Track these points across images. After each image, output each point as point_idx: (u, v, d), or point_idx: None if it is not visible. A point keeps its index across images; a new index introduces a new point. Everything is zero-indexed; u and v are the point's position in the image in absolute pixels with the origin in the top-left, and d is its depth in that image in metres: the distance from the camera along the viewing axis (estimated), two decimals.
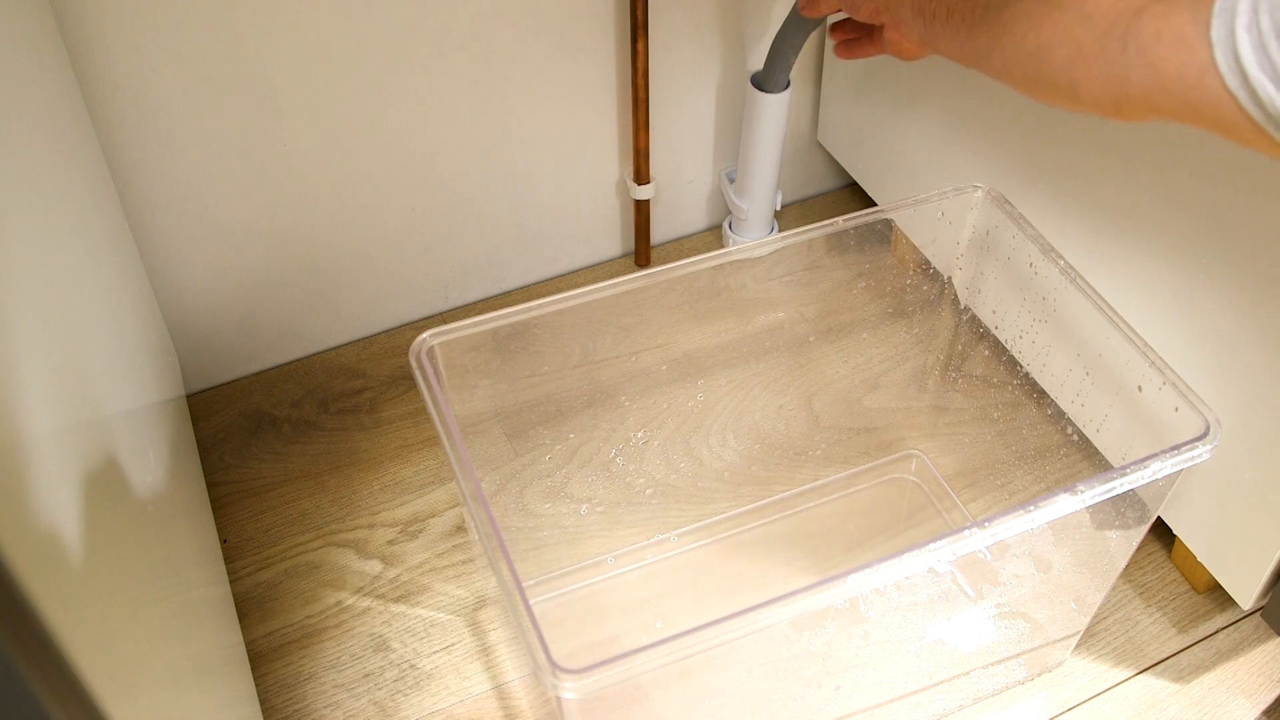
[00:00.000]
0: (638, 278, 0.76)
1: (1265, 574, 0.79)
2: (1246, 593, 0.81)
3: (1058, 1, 0.56)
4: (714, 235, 1.23)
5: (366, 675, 0.86)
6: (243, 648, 0.86)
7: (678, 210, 1.20)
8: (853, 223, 0.81)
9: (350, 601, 0.90)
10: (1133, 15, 0.52)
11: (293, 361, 1.09)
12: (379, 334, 1.12)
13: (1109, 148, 0.81)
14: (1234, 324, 0.75)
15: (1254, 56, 0.46)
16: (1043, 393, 0.88)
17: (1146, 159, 0.78)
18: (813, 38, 1.13)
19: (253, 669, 0.86)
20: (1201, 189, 0.74)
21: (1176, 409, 0.69)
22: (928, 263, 0.90)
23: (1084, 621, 0.83)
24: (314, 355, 1.10)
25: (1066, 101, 0.57)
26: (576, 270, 1.19)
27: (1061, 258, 0.78)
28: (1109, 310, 0.74)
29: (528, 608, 0.57)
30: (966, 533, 0.62)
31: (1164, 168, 0.77)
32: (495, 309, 0.74)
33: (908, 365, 1.00)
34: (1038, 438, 0.90)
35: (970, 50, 0.63)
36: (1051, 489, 0.65)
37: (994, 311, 0.89)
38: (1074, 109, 0.57)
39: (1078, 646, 0.87)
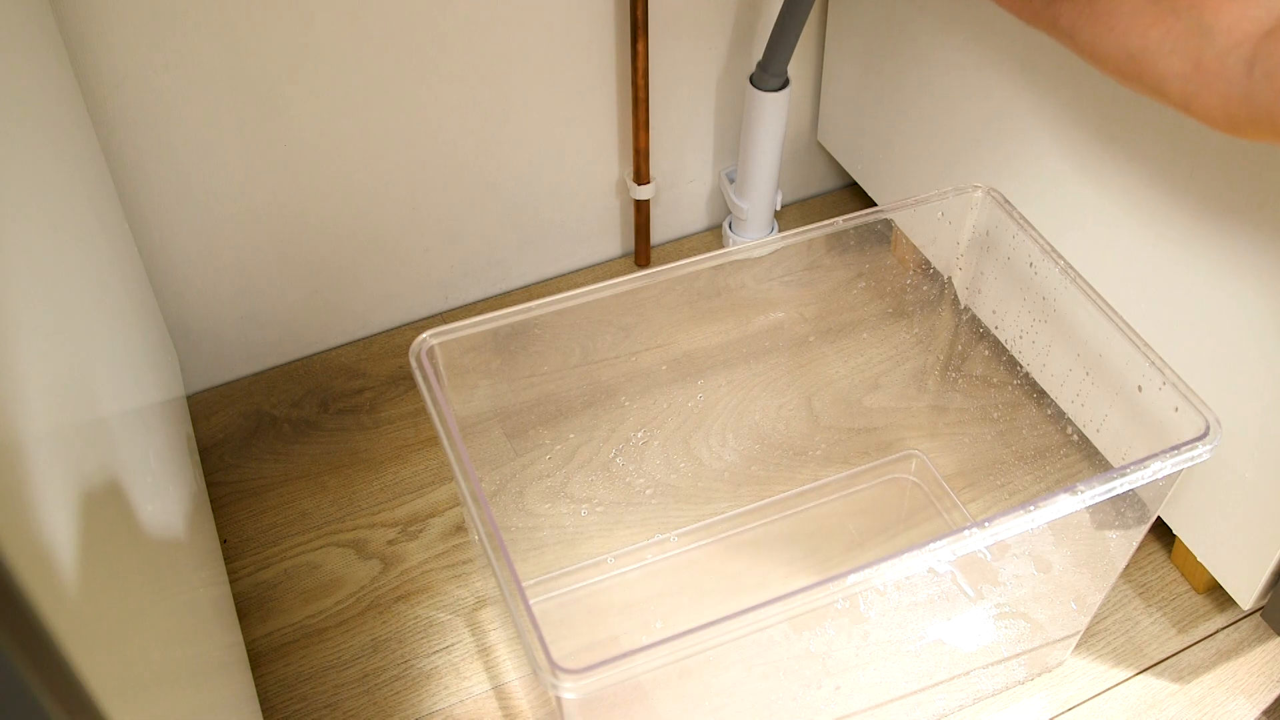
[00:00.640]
0: (638, 278, 0.76)
1: (1265, 574, 0.79)
2: (1246, 593, 0.81)
3: (1170, 6, 0.53)
4: (714, 235, 1.23)
5: (366, 675, 0.86)
6: (243, 648, 0.86)
7: (678, 210, 1.20)
8: (853, 223, 0.81)
9: (350, 601, 0.90)
10: (1261, 38, 0.50)
11: (293, 361, 1.09)
12: (379, 334, 1.12)
13: (1109, 147, 0.81)
14: (1234, 324, 0.75)
15: None
16: (1043, 393, 0.88)
17: (1147, 158, 0.78)
18: (813, 36, 1.13)
19: (253, 669, 0.86)
20: (1202, 188, 0.74)
21: (1176, 409, 0.69)
22: (928, 263, 0.90)
23: (1084, 621, 0.83)
24: (314, 355, 1.10)
25: (1170, 104, 0.55)
26: (576, 270, 1.19)
27: (1061, 258, 0.78)
28: (1109, 310, 0.74)
29: (528, 608, 0.57)
30: (966, 533, 0.62)
31: (1164, 167, 0.77)
32: (495, 309, 0.74)
33: (908, 365, 1.00)
34: (1038, 438, 0.90)
35: (1044, 18, 0.61)
36: (1051, 489, 0.65)
37: (994, 311, 0.89)
38: (1178, 110, 0.56)
39: (1078, 646, 0.87)
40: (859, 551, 0.93)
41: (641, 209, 1.14)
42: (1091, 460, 0.85)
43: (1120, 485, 0.64)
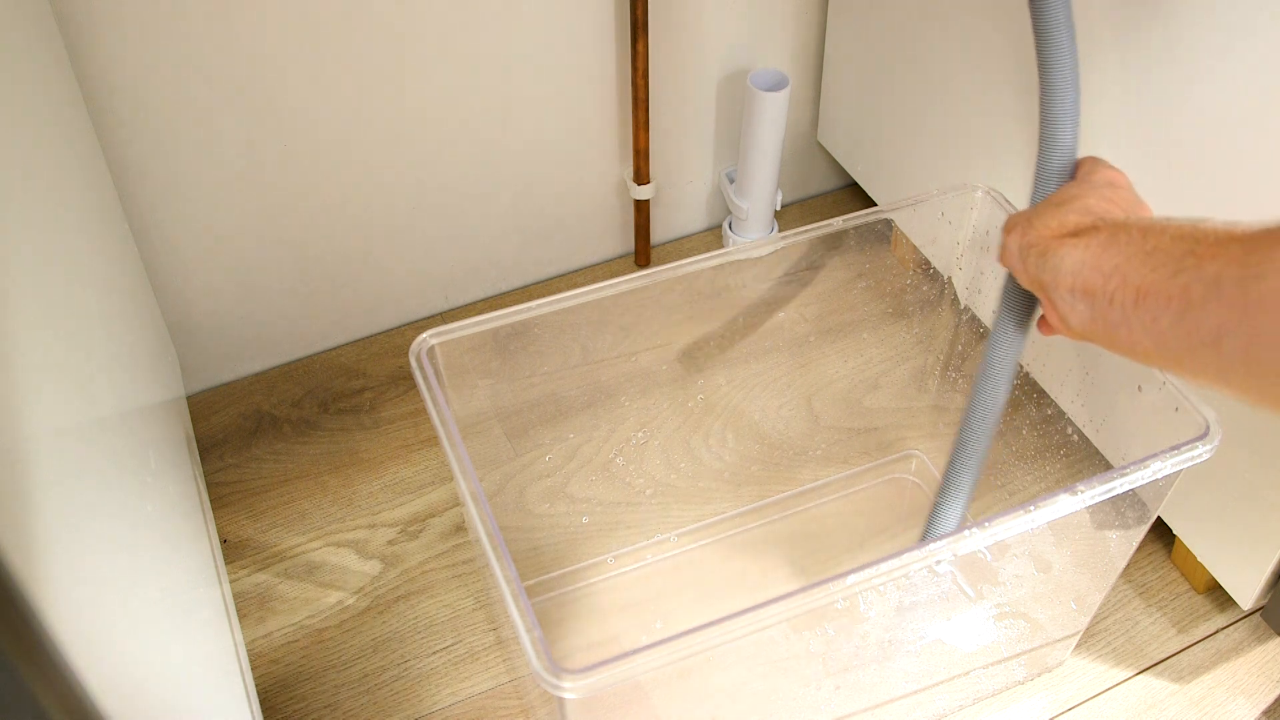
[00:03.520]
0: (638, 278, 0.76)
1: (1265, 574, 0.79)
2: (1246, 593, 0.81)
3: None
4: (714, 235, 1.23)
5: (366, 675, 0.86)
6: (243, 647, 0.86)
7: (678, 210, 1.20)
8: (853, 223, 0.81)
9: (350, 601, 0.90)
10: None
11: (293, 361, 1.09)
12: (379, 334, 1.12)
13: (1108, 148, 0.81)
14: None
15: None
16: (1043, 393, 0.88)
17: (1145, 159, 0.78)
18: (813, 36, 1.13)
19: (252, 668, 0.86)
20: (1201, 189, 0.74)
21: (1176, 409, 0.69)
22: (928, 263, 0.90)
23: (1084, 621, 0.83)
24: (314, 355, 1.10)
25: None
26: (576, 270, 1.19)
27: None
28: None
29: (527, 608, 0.57)
30: (966, 533, 0.62)
31: (1163, 167, 0.77)
32: (495, 309, 0.74)
33: (908, 365, 1.00)
34: (1038, 438, 0.90)
35: (1175, 341, 0.48)
36: (1051, 489, 0.65)
37: (994, 311, 0.89)
38: None
39: (1078, 646, 0.87)
40: (859, 551, 0.93)
41: (641, 209, 1.14)
42: (1091, 460, 0.85)
43: (1120, 485, 0.64)
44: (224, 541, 0.94)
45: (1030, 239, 0.59)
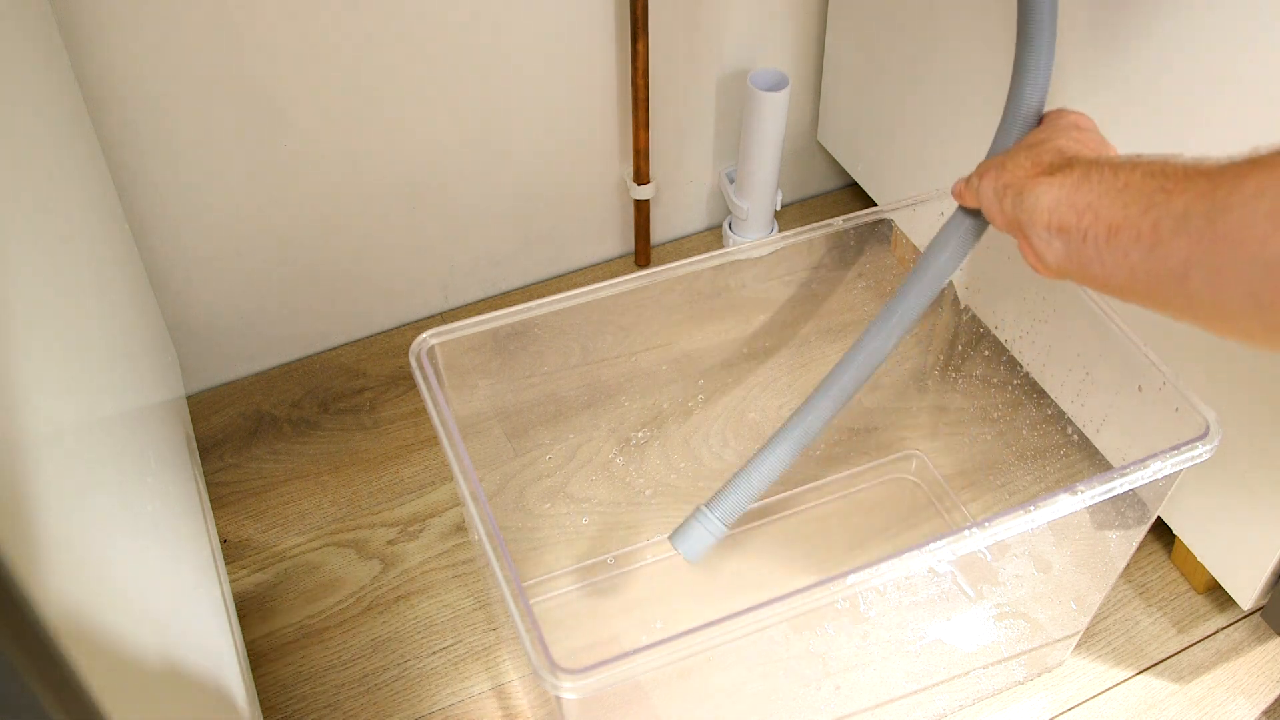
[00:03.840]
0: (638, 278, 0.76)
1: (1265, 574, 0.79)
2: (1246, 593, 0.81)
3: None
4: (714, 235, 1.23)
5: (366, 675, 0.86)
6: (243, 647, 0.86)
7: (678, 210, 1.20)
8: (853, 223, 0.81)
9: (350, 601, 0.90)
10: None
11: (293, 361, 1.09)
12: (379, 334, 1.12)
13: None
14: None
15: None
16: (1043, 393, 0.88)
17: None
18: (813, 36, 1.13)
19: (253, 669, 0.86)
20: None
21: (1176, 409, 0.69)
22: None
23: (1084, 621, 0.83)
24: (314, 355, 1.10)
25: None
26: (576, 270, 1.19)
27: None
28: (1109, 310, 0.74)
29: (527, 608, 0.57)
30: (966, 533, 0.62)
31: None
32: (495, 309, 0.74)
33: (908, 365, 1.00)
34: (1038, 438, 0.90)
35: (1146, 275, 0.50)
36: (1051, 489, 0.65)
37: (994, 311, 0.89)
38: None
39: (1078, 646, 0.87)
40: (859, 551, 0.93)
41: (641, 209, 1.14)
42: (1091, 460, 0.85)
43: (1120, 485, 0.64)
44: (224, 541, 0.94)
45: (1006, 179, 0.60)
